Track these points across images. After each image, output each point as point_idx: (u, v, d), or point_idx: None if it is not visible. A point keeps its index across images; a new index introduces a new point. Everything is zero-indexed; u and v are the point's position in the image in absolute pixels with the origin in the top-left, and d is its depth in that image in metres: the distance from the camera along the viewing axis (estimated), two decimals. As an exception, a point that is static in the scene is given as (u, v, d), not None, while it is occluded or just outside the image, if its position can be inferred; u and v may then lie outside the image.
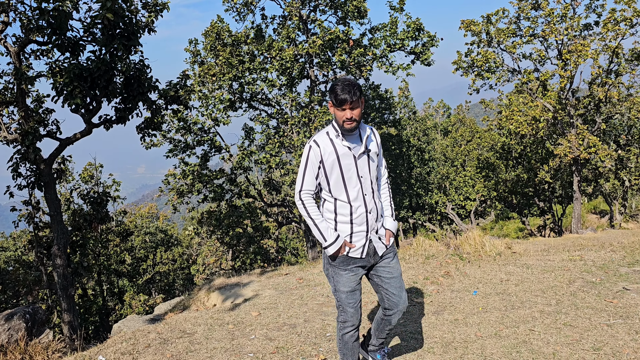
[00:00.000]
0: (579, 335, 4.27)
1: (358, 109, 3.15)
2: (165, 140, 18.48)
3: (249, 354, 4.37)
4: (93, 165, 18.56)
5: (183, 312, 6.02)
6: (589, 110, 18.71)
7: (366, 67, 18.13)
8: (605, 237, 9.36)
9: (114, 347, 4.62)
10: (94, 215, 12.94)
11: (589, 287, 5.59)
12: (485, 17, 18.15)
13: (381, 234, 3.40)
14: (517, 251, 7.79)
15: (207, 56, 18.74)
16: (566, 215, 25.65)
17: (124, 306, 23.32)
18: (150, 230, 29.17)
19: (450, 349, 4.22)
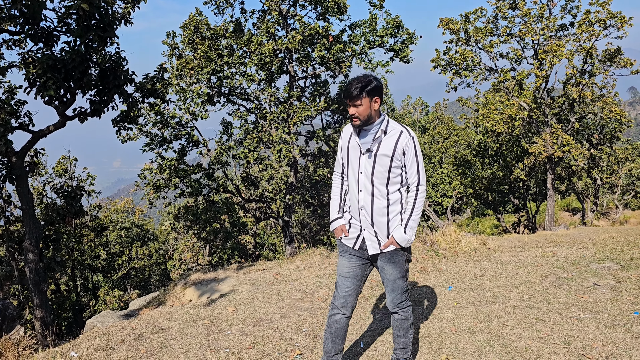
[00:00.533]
0: (551, 330, 4.36)
1: (362, 107, 3.23)
2: (142, 134, 18.21)
3: (224, 349, 4.35)
4: (67, 158, 18.22)
5: (158, 307, 5.96)
6: (563, 110, 19.05)
7: (345, 63, 18.13)
8: (577, 234, 9.56)
9: (86, 343, 4.55)
10: (68, 210, 12.71)
11: (560, 282, 5.71)
12: (464, 16, 18.32)
13: (380, 237, 3.39)
14: (491, 247, 7.91)
15: (185, 49, 18.50)
16: (540, 212, 26.12)
17: (98, 302, 22.97)
18: (125, 225, 28.78)
19: (425, 344, 4.26)
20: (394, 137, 3.31)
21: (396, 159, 3.31)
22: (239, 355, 4.24)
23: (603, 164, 20.99)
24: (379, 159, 3.31)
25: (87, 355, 4.27)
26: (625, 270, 5.97)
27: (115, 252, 26.19)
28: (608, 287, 5.39)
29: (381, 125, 3.33)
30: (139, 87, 11.20)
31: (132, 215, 31.39)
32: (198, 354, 4.28)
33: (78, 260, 21.29)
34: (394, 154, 3.29)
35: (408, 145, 3.30)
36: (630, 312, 4.63)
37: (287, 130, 17.21)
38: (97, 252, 23.49)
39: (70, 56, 9.23)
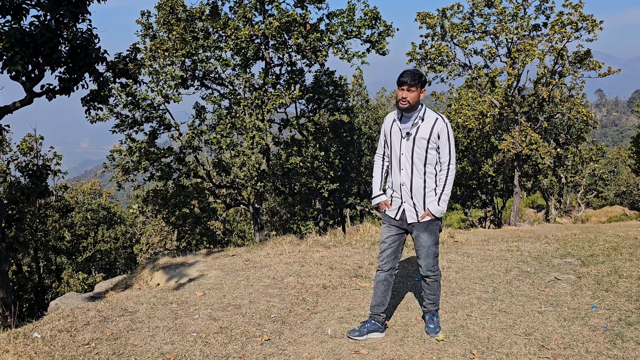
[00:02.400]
0: (512, 321, 4.49)
1: (414, 93, 3.81)
2: (112, 114, 17.81)
3: (192, 334, 4.34)
4: (33, 136, 17.72)
5: (125, 290, 5.89)
6: (533, 109, 19.48)
7: (322, 52, 18.08)
8: (540, 230, 9.83)
9: (50, 324, 4.47)
10: (33, 189, 12.37)
11: (523, 276, 5.87)
12: (441, 11, 18.48)
13: (418, 209, 4.01)
14: (459, 240, 8.07)
15: (159, 30, 18.14)
16: (506, 208, 26.71)
17: (61, 284, 22.52)
18: (92, 207, 28.24)
19: (392, 332, 4.34)
20: (430, 123, 3.89)
21: (432, 141, 3.88)
22: (207, 339, 4.24)
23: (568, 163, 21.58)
24: (418, 142, 3.90)
25: (51, 337, 4.20)
26: (585, 266, 6.18)
27: (80, 234, 25.69)
28: (568, 282, 5.57)
29: (419, 112, 3.92)
30: (110, 67, 10.94)
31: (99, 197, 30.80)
32: (165, 338, 4.26)
33: (41, 241, 20.81)
34: (430, 137, 3.88)
35: (443, 130, 3.88)
36: (588, 306, 4.80)
37: (261, 117, 17.11)
38: (61, 233, 22.99)
39: (40, 31, 8.95)
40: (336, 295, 5.38)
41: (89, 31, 10.06)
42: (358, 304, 5.08)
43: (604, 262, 6.31)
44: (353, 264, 6.51)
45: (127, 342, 4.19)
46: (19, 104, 10.04)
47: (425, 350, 3.97)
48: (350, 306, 5.02)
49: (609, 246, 7.21)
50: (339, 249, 7.36)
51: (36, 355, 3.89)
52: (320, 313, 4.84)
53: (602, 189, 31.01)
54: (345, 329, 4.40)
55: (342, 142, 24.08)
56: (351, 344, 4.11)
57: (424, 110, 3.93)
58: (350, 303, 5.11)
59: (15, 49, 8.78)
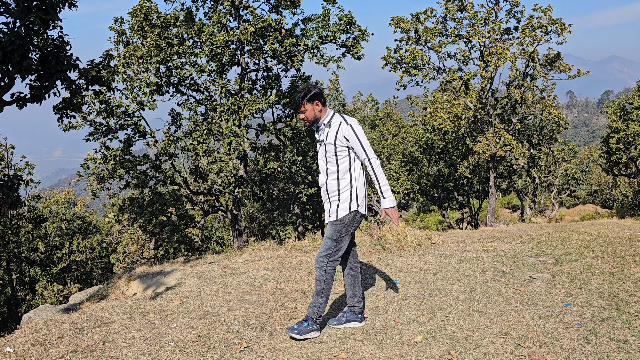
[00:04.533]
0: (489, 321, 4.55)
1: (307, 112, 4.18)
2: (86, 122, 17.54)
3: (169, 343, 4.29)
4: (3, 146, 17.32)
5: (101, 301, 5.79)
6: (506, 110, 19.82)
7: (297, 57, 18.11)
8: (516, 230, 10.00)
9: (23, 337, 4.36)
10: (4, 200, 12.09)
11: (499, 276, 5.96)
12: (415, 16, 18.70)
13: (332, 210, 4.23)
14: (436, 242, 8.15)
15: (133, 36, 17.94)
16: (482, 209, 27.08)
17: (35, 296, 22.01)
18: (66, 217, 27.70)
19: (370, 335, 4.36)
20: (335, 128, 4.15)
21: (340, 145, 4.12)
22: (185, 348, 4.19)
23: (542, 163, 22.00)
24: (327, 147, 4.17)
25: (24, 351, 4.10)
26: (559, 265, 6.31)
27: (54, 244, 25.17)
28: (543, 280, 5.67)
29: (325, 120, 4.22)
30: (83, 74, 10.78)
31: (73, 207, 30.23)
32: (142, 348, 4.20)
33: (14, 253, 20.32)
34: (336, 141, 4.12)
35: (348, 132, 4.10)
36: (562, 304, 4.89)
37: (238, 123, 17.04)
38: (35, 244, 22.49)
39: (9, 38, 8.77)
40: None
41: (60, 38, 9.89)
42: (337, 307, 5.09)
43: (577, 260, 6.44)
44: (332, 268, 6.51)
45: (103, 353, 4.12)
46: (-12, 113, 9.82)
47: (404, 352, 3.99)
48: (328, 310, 5.02)
49: (581, 244, 7.37)
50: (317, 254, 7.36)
51: (9, 370, 3.80)
52: (299, 318, 4.83)
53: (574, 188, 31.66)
54: (324, 332, 4.40)
55: (320, 146, 24.10)
56: (330, 349, 4.11)
57: (331, 116, 4.21)
58: (328, 307, 5.12)
59: (-17, 56, 8.60)
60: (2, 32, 9.03)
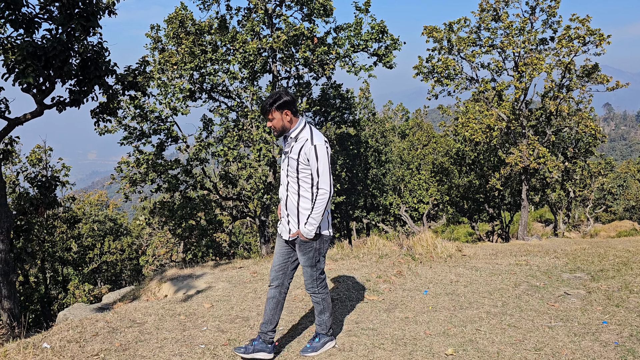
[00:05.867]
0: (522, 336, 4.45)
1: (274, 120, 3.86)
2: (120, 126, 17.96)
3: (200, 345, 4.33)
4: (42, 148, 17.85)
5: (133, 302, 5.89)
6: (540, 122, 19.45)
7: (329, 65, 18.20)
8: (549, 245, 9.77)
9: (59, 334, 4.47)
10: (41, 200, 12.46)
11: (533, 290, 5.83)
12: (448, 25, 18.57)
13: (292, 226, 4.00)
14: (467, 254, 8.03)
15: (168, 43, 18.33)
16: (513, 222, 26.57)
17: (67, 295, 22.53)
18: (99, 219, 28.32)
19: (400, 346, 4.31)
20: (300, 144, 3.87)
21: (302, 162, 3.85)
22: (215, 351, 4.22)
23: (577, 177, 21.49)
24: (290, 161, 3.92)
25: (60, 347, 4.20)
26: (596, 281, 6.13)
27: (87, 245, 25.74)
28: (578, 297, 5.53)
29: (294, 132, 3.91)
30: (119, 79, 11.05)
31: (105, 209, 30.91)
32: (173, 349, 4.25)
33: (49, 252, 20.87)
34: (298, 157, 3.86)
35: (310, 152, 3.82)
36: (599, 322, 4.75)
37: (268, 130, 17.18)
38: (68, 244, 23.05)
39: (52, 44, 9.07)
40: (344, 308, 5.36)
41: (99, 44, 10.18)
42: (366, 317, 5.06)
43: (614, 277, 6.25)
44: (361, 276, 6.48)
45: (136, 353, 4.19)
46: (30, 115, 10.15)
47: (434, 364, 3.94)
48: (358, 319, 4.99)
49: (619, 261, 7.15)
50: (346, 262, 7.34)
51: (45, 366, 3.89)
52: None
53: (611, 203, 30.79)
54: (353, 342, 4.38)
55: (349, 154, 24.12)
56: (359, 357, 4.08)
57: (300, 129, 3.90)
58: (358, 316, 5.09)
59: (27, 61, 8.90)
60: (45, 38, 9.34)
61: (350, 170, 24.93)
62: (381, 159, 27.76)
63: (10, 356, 4.02)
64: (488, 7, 17.92)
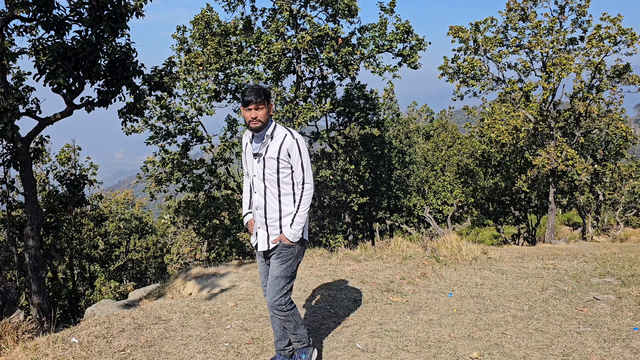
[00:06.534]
0: (550, 341, 4.36)
1: (263, 110, 3.52)
2: (147, 126, 18.25)
3: (224, 343, 4.36)
4: (71, 147, 18.23)
5: (158, 299, 5.97)
6: (569, 124, 19.06)
7: (353, 66, 18.17)
8: (577, 248, 9.57)
9: (87, 330, 4.56)
10: (70, 198, 12.73)
11: (560, 295, 5.71)
12: (474, 25, 18.34)
13: (271, 235, 3.65)
14: (492, 257, 7.91)
15: (194, 44, 18.55)
16: (540, 225, 26.10)
17: (94, 292, 22.98)
18: (125, 217, 28.81)
19: (424, 348, 4.27)
20: (279, 141, 3.59)
21: (283, 160, 3.57)
22: (239, 349, 4.25)
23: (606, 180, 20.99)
24: (267, 162, 3.59)
25: (88, 342, 4.28)
26: (626, 286, 5.98)
27: (113, 242, 26.19)
28: (608, 302, 5.39)
29: (268, 130, 3.61)
30: (146, 80, 11.22)
31: (131, 207, 31.41)
32: (198, 347, 4.29)
33: (76, 249, 21.31)
34: (279, 155, 3.56)
35: (292, 147, 3.57)
36: (629, 328, 4.63)
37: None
38: (95, 241, 23.50)
39: (81, 45, 9.25)
40: (367, 309, 5.33)
41: (127, 45, 10.34)
42: (390, 318, 5.02)
43: (646, 283, 6.08)
44: (384, 278, 6.45)
45: (161, 349, 4.24)
46: (60, 115, 10.38)
47: (459, 367, 3.88)
48: (382, 320, 4.96)
49: (650, 266, 6.96)
50: (370, 263, 7.31)
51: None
52: (351, 327, 4.80)
53: (641, 207, 29.98)
54: (377, 343, 4.35)
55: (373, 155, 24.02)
56: (383, 359, 4.05)
57: (274, 127, 3.63)
58: (382, 317, 5.06)
59: (57, 62, 9.10)
60: (75, 39, 9.54)
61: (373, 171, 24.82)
62: (405, 160, 27.58)
63: (40, 350, 4.12)
64: (516, 6, 17.64)
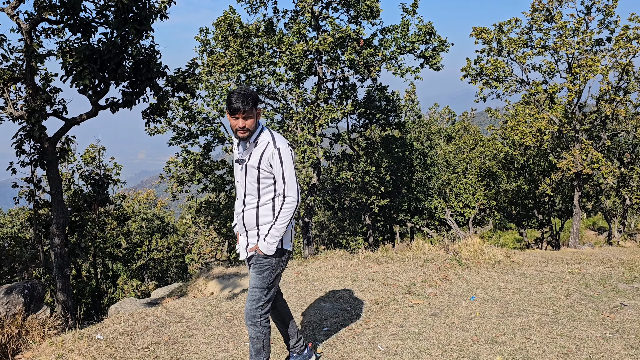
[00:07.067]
0: (575, 347, 4.28)
1: (251, 119, 3.30)
2: (169, 127, 18.48)
3: (246, 343, 4.38)
4: (96, 147, 18.54)
5: (180, 298, 6.03)
6: (595, 126, 18.71)
7: (375, 67, 18.12)
8: (603, 253, 9.38)
9: (112, 327, 4.63)
10: (95, 197, 12.94)
11: (586, 300, 5.60)
12: (497, 26, 18.13)
13: (250, 244, 3.51)
14: (515, 260, 7.80)
15: (216, 46, 18.72)
16: (564, 229, 25.66)
17: (116, 290, 23.32)
18: (147, 217, 29.19)
19: (447, 351, 4.23)
20: (261, 149, 3.37)
21: (263, 169, 3.36)
22: (260, 349, 4.26)
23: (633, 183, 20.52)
24: (249, 170, 3.40)
25: (113, 339, 4.35)
26: (655, 292, 5.84)
27: (135, 242, 26.54)
28: (636, 308, 5.27)
29: (253, 136, 3.39)
30: (170, 81, 11.34)
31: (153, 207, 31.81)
32: (220, 345, 4.32)
33: (100, 248, 21.64)
34: (259, 164, 3.36)
35: (273, 156, 3.35)
36: (659, 335, 4.52)
37: (313, 132, 17.25)
38: (118, 241, 23.85)
39: (107, 47, 9.40)
40: (389, 311, 5.30)
41: (151, 47, 10.48)
42: (411, 321, 4.98)
43: (676, 289, 5.93)
44: (406, 280, 6.40)
45: (184, 347, 4.28)
46: (85, 116, 10.57)
47: (482, 372, 3.84)
48: (403, 323, 4.93)
49: (680, 272, 6.79)
50: (391, 265, 7.27)
51: (99, 356, 4.04)
52: (372, 329, 4.78)
53: (669, 211, 29.25)
54: (399, 345, 4.32)
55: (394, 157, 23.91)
56: (405, 362, 4.03)
57: (259, 132, 3.40)
58: (403, 320, 5.02)
59: (83, 64, 9.27)
60: (101, 41, 9.71)
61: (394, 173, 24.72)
62: (426, 162, 27.40)
63: (66, 345, 4.19)
64: (541, 7, 17.39)
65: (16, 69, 10.87)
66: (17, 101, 10.86)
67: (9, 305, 4.89)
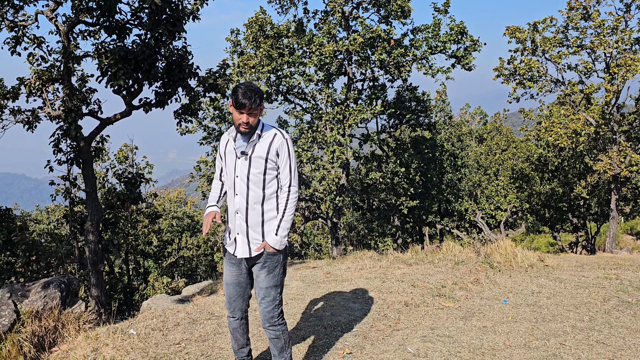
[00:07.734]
0: (612, 354, 4.15)
1: (255, 116, 3.28)
2: (200, 127, 18.72)
3: (275, 342, 4.39)
4: (129, 146, 18.92)
5: (210, 295, 6.09)
6: (634, 127, 18.14)
7: (405, 67, 17.98)
8: (641, 258, 9.08)
9: (144, 322, 4.71)
10: (127, 195, 13.21)
11: (624, 306, 5.43)
12: (532, 25, 17.77)
13: (253, 241, 3.39)
14: (549, 264, 7.62)
15: (247, 47, 18.87)
16: (600, 233, 24.96)
17: (147, 286, 23.73)
18: (177, 215, 29.63)
19: (478, 355, 4.16)
20: (268, 140, 3.36)
21: (270, 160, 3.34)
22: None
23: (673, 187, 19.84)
24: (254, 161, 3.34)
25: (145, 334, 4.42)
26: (697, 300, 5.62)
27: (166, 240, 26.96)
28: (677, 316, 5.08)
29: (256, 129, 3.35)
30: (201, 82, 11.50)
31: (184, 206, 32.28)
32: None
33: (132, 245, 22.07)
34: (267, 155, 3.33)
35: (282, 146, 3.36)
36: (702, 344, 4.34)
37: (342, 132, 17.22)
38: (150, 238, 24.27)
39: (141, 48, 9.58)
40: (418, 313, 5.24)
41: (183, 48, 10.65)
42: (441, 323, 4.92)
43: None
44: (436, 282, 6.32)
45: (214, 344, 4.32)
46: (120, 115, 10.79)
47: (515, 377, 3.75)
48: (433, 325, 4.87)
49: None
50: (420, 267, 7.19)
51: (132, 350, 4.11)
52: (402, 330, 4.73)
53: None
54: (429, 348, 4.27)
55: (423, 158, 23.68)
56: (435, 365, 3.97)
57: (262, 126, 3.40)
58: (433, 322, 4.96)
59: (118, 65, 9.47)
60: (135, 43, 9.90)
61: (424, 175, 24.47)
62: (457, 163, 27.04)
63: (101, 339, 4.29)
64: (577, 5, 16.96)
65: (54, 70, 11.19)
66: (55, 101, 11.18)
67: (46, 299, 5.02)
